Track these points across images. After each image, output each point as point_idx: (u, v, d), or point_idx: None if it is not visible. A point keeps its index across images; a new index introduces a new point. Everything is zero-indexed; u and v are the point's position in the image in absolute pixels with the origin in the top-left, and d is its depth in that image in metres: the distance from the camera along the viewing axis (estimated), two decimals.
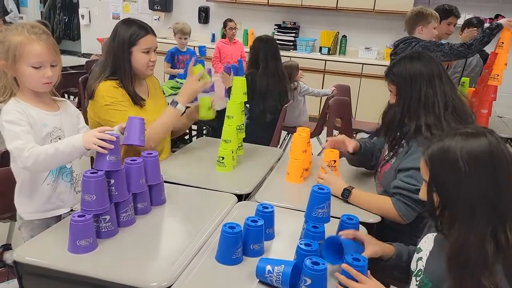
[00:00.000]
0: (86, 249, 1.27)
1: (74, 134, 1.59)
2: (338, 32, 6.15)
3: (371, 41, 6.03)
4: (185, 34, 4.42)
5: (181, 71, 4.24)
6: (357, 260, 1.17)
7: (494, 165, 0.96)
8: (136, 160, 1.48)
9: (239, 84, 2.00)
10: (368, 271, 1.17)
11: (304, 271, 1.12)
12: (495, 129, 3.34)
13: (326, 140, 1.94)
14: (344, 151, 1.94)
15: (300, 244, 1.23)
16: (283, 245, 1.43)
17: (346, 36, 6.15)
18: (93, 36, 7.13)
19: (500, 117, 3.60)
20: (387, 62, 5.47)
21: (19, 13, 8.23)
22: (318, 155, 3.78)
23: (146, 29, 1.93)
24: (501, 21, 2.93)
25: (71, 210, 1.62)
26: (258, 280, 1.21)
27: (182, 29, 4.39)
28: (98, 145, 1.35)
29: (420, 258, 1.20)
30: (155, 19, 7.00)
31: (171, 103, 1.98)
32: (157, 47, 1.99)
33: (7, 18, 7.75)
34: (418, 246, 1.23)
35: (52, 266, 1.23)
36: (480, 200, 0.96)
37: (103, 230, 1.35)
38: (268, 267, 1.18)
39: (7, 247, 1.86)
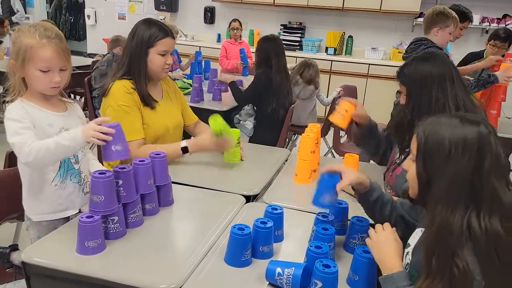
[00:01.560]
0: (95, 250, 1.26)
1: None
2: (344, 33, 6.12)
3: (377, 42, 5.99)
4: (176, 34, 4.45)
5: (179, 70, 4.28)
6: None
7: (479, 152, 1.01)
8: (144, 160, 1.48)
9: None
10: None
11: (315, 274, 1.11)
12: (503, 130, 3.27)
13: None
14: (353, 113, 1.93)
15: (311, 246, 1.21)
16: (293, 247, 1.42)
17: (352, 37, 6.13)
18: (99, 37, 7.15)
19: (509, 118, 3.57)
20: (394, 63, 5.48)
21: (26, 13, 8.27)
22: (324, 155, 3.77)
23: (165, 32, 1.93)
24: (498, 73, 2.87)
25: (79, 211, 1.61)
26: (267, 282, 1.20)
27: (174, 27, 4.40)
28: (96, 138, 1.35)
29: (408, 253, 1.19)
30: (161, 19, 7.00)
31: (182, 148, 1.93)
32: (173, 50, 1.98)
33: (13, 18, 7.80)
34: (408, 242, 1.22)
35: (60, 267, 1.23)
36: (462, 181, 1.01)
37: (112, 231, 1.34)
38: (278, 270, 1.17)
39: (14, 247, 1.85)
